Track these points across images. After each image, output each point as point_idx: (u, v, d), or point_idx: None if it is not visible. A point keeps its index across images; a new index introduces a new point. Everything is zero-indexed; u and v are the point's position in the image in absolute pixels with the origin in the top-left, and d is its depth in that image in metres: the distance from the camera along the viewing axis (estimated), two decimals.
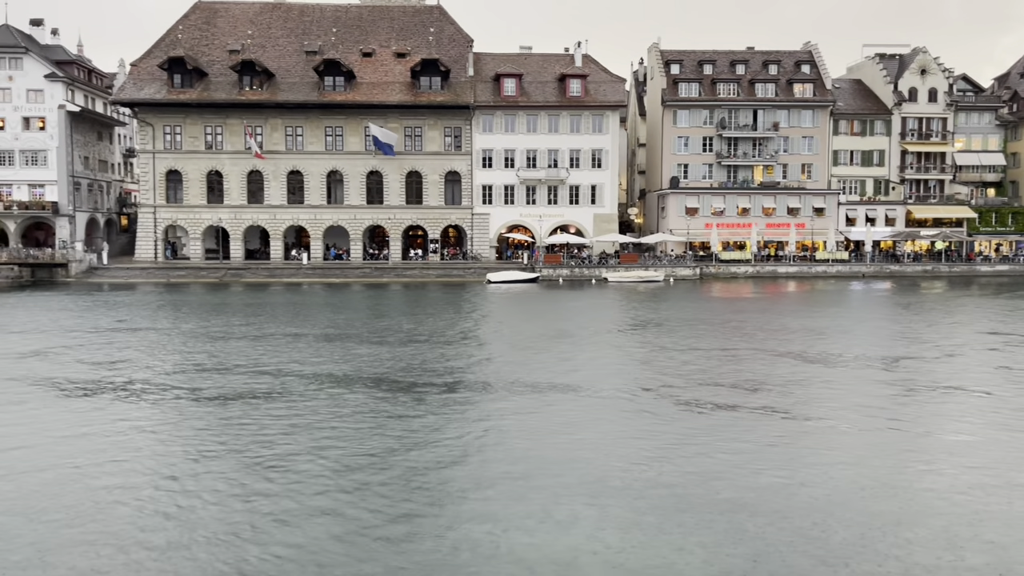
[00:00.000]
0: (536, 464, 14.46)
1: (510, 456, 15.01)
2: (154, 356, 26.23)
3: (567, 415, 18.34)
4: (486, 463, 14.60)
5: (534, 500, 12.58)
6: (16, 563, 10.26)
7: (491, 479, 13.62)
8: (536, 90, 68.16)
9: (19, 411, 18.54)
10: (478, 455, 15.08)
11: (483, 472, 14.06)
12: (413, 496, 12.74)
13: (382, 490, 13.00)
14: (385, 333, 31.64)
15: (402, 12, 71.43)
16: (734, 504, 12.48)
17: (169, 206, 66.20)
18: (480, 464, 14.54)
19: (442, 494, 12.89)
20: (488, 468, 14.30)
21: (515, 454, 15.12)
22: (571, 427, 17.22)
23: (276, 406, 18.79)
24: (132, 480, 13.48)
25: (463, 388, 21.10)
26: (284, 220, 66.78)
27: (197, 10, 69.99)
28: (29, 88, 67.74)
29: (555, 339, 30.78)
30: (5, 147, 67.98)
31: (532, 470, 14.11)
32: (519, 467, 14.30)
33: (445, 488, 13.18)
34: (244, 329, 32.93)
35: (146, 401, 19.62)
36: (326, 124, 66.26)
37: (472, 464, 14.54)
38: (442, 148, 67.20)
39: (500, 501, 12.52)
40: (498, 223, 68.17)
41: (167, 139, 65.77)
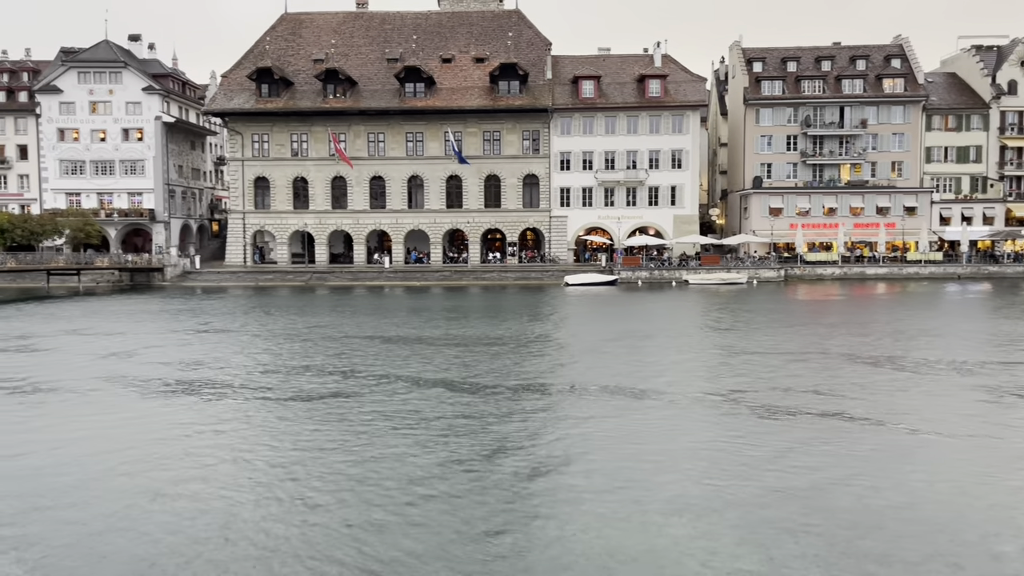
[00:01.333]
0: (620, 472, 14.33)
1: (594, 462, 14.93)
2: (244, 357, 27.12)
3: (650, 421, 18.15)
4: (569, 469, 14.55)
5: (621, 510, 12.47)
6: (108, 554, 10.76)
7: (574, 486, 13.56)
8: (615, 91, 67.75)
9: (117, 407, 19.43)
10: (561, 461, 15.05)
11: (565, 478, 14.02)
12: (494, 502, 12.80)
13: (462, 494, 13.10)
14: (464, 336, 31.94)
15: (481, 17, 72.06)
16: (832, 521, 12.10)
17: (257, 212, 68.37)
18: (563, 470, 14.50)
19: (525, 501, 12.91)
20: (571, 475, 14.25)
21: (599, 461, 15.03)
22: (655, 433, 17.03)
23: (358, 408, 19.18)
24: (218, 480, 13.94)
25: (543, 392, 21.12)
26: (367, 225, 68.16)
27: (283, 21, 72.15)
28: (128, 101, 71.11)
29: (635, 342, 30.51)
30: (107, 157, 71.50)
31: (617, 477, 14.00)
32: (604, 474, 14.21)
33: (527, 494, 13.20)
34: (329, 331, 33.75)
35: (236, 401, 20.29)
36: (407, 130, 67.36)
37: (555, 470, 14.51)
38: (520, 151, 67.47)
39: (585, 509, 12.46)
40: (576, 225, 68.01)
41: (255, 147, 67.96)
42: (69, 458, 15.07)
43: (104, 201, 71.96)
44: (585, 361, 26.11)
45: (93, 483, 13.58)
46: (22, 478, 13.83)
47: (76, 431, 17.15)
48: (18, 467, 14.55)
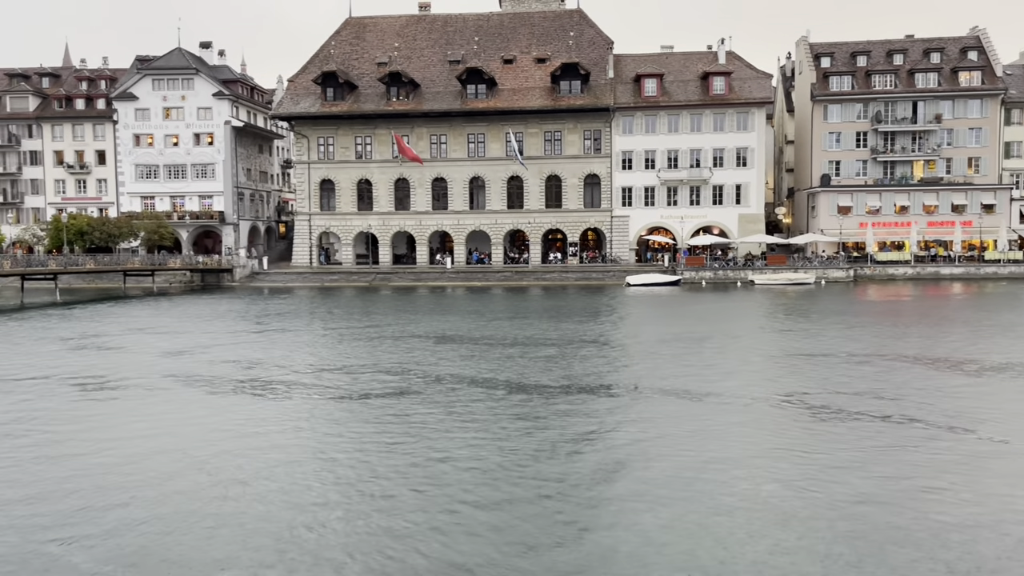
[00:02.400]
0: (683, 475, 14.09)
1: (656, 465, 14.70)
2: (309, 356, 27.61)
3: (713, 424, 17.82)
4: (630, 472, 14.36)
5: (683, 515, 12.26)
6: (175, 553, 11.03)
7: (636, 489, 13.38)
8: (678, 89, 66.94)
9: (187, 405, 19.96)
10: (622, 464, 14.87)
11: (627, 482, 13.84)
12: (554, 505, 12.71)
13: (523, 496, 13.05)
14: (525, 336, 31.91)
15: (542, 18, 72.04)
16: (901, 532, 11.67)
17: (323, 214, 69.63)
18: (624, 473, 14.32)
19: (585, 504, 12.79)
20: (633, 478, 14.06)
21: (661, 463, 14.79)
22: (718, 436, 16.70)
23: (418, 408, 19.30)
24: (280, 477, 14.17)
25: (604, 393, 20.95)
26: (429, 226, 68.78)
27: (348, 26, 73.35)
28: (199, 106, 73.27)
29: (698, 343, 30.04)
30: (179, 161, 73.78)
31: (679, 481, 13.76)
32: (666, 477, 13.99)
33: (588, 497, 13.07)
34: (391, 331, 34.11)
35: (301, 399, 20.64)
36: (468, 131, 67.74)
37: (616, 473, 14.34)
38: (581, 151, 67.20)
39: (647, 513, 12.27)
40: (638, 225, 67.42)
41: (320, 150, 69.23)
42: (140, 454, 15.51)
43: (176, 204, 74.27)
44: (647, 362, 25.81)
45: (163, 479, 13.94)
46: (96, 474, 14.27)
47: (147, 427, 17.65)
48: (93, 463, 15.03)
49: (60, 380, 23.29)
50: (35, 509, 12.40)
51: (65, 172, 75.75)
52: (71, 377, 23.76)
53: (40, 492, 13.21)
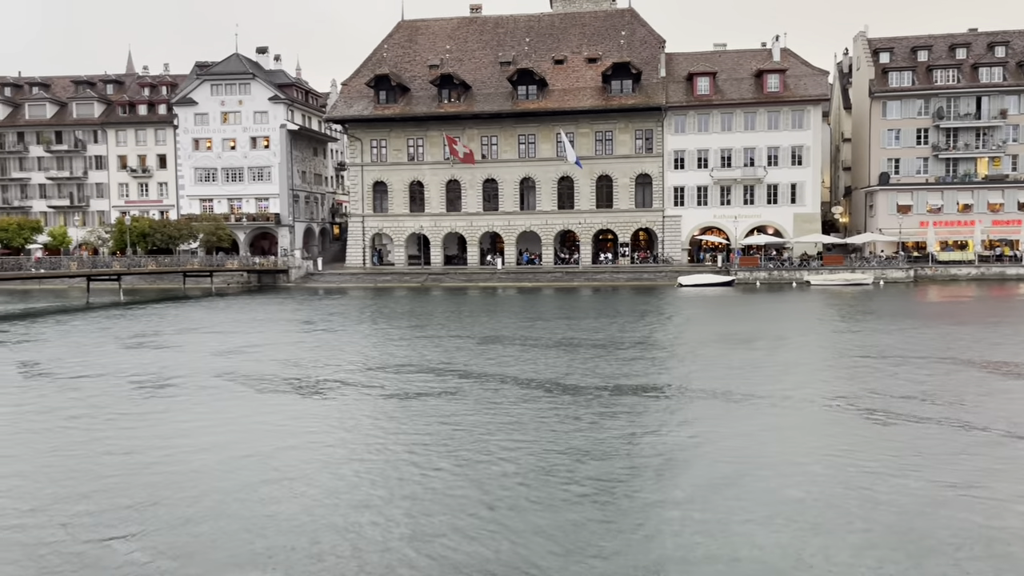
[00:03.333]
0: (736, 477, 13.92)
1: (707, 468, 14.55)
2: (362, 355, 27.97)
3: (766, 425, 17.54)
4: (680, 474, 14.24)
5: (736, 519, 12.11)
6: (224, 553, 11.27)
7: (685, 493, 13.25)
8: (731, 88, 66.09)
9: (243, 401, 20.40)
10: (672, 465, 14.74)
11: (676, 484, 13.73)
12: (601, 505, 12.67)
13: (567, 497, 13.03)
14: (575, 337, 31.84)
15: (593, 18, 71.79)
16: (955, 540, 11.35)
17: (376, 215, 70.47)
18: (674, 475, 14.20)
19: (635, 506, 12.71)
20: (682, 480, 13.94)
21: (713, 466, 14.63)
22: (770, 438, 16.44)
23: (467, 407, 19.39)
24: (335, 475, 14.38)
25: (653, 394, 20.79)
26: (480, 227, 69.08)
27: (400, 29, 74.10)
28: (256, 110, 74.81)
29: (752, 344, 29.60)
30: (236, 164, 75.43)
31: (732, 484, 13.59)
32: (717, 480, 13.83)
33: (636, 498, 12.99)
34: (442, 331, 34.37)
35: (353, 397, 20.91)
36: (519, 132, 67.85)
37: (666, 475, 14.23)
38: (633, 151, 66.78)
39: (697, 518, 12.14)
40: (690, 225, 66.72)
41: (373, 152, 70.07)
42: (196, 450, 15.90)
43: (234, 206, 75.94)
44: (698, 364, 25.53)
45: (217, 475, 14.27)
46: (152, 470, 14.63)
47: (203, 424, 18.08)
48: (150, 459, 15.44)
49: (121, 377, 24.01)
50: (91, 504, 12.79)
51: (128, 176, 78.05)
52: (132, 375, 24.48)
53: (96, 487, 13.62)
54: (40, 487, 13.60)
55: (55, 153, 78.38)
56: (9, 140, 79.03)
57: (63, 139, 78.69)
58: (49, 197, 79.02)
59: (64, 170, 78.77)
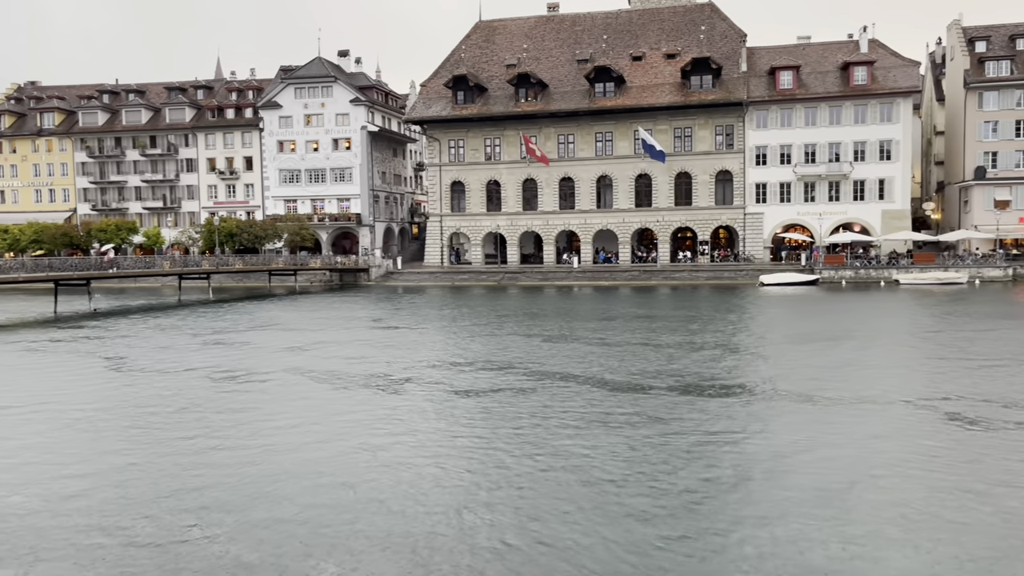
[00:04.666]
0: (821, 482, 13.51)
1: (790, 473, 14.17)
2: (440, 352, 28.27)
3: (853, 430, 16.96)
4: (763, 479, 13.89)
5: (822, 526, 11.75)
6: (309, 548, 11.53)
7: (768, 498, 12.92)
8: (815, 81, 64.26)
9: (322, 397, 20.87)
10: (754, 469, 14.40)
11: (759, 489, 13.40)
12: (682, 509, 12.46)
13: (647, 498, 12.86)
14: (654, 336, 31.47)
15: (672, 13, 70.83)
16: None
17: (453, 215, 71.17)
18: (757, 480, 13.87)
19: (715, 508, 12.46)
20: (766, 485, 13.60)
21: (796, 471, 14.24)
22: (859, 444, 15.88)
23: (544, 407, 19.35)
24: (406, 471, 14.54)
25: (734, 395, 20.35)
26: (556, 225, 69.00)
27: (477, 29, 74.61)
28: (337, 112, 76.49)
29: (837, 345, 28.69)
30: (319, 166, 77.30)
31: (817, 490, 13.20)
32: (800, 482, 13.46)
33: (718, 501, 12.73)
34: (519, 328, 34.45)
35: (432, 394, 21.14)
36: (596, 130, 67.49)
37: (748, 479, 13.91)
38: (713, 147, 65.62)
39: (782, 525, 11.83)
40: (773, 222, 65.17)
41: (451, 152, 70.77)
42: (278, 444, 16.32)
43: (316, 207, 77.83)
44: (784, 365, 24.89)
45: (299, 469, 14.62)
46: (237, 463, 15.07)
47: (286, 420, 18.55)
48: (235, 454, 15.92)
49: (210, 372, 24.88)
50: (177, 498, 13.27)
51: (217, 178, 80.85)
52: (221, 370, 25.34)
53: (186, 481, 14.11)
54: (135, 479, 14.18)
55: (149, 157, 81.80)
56: (108, 145, 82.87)
57: (157, 143, 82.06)
58: (144, 199, 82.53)
59: (158, 173, 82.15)
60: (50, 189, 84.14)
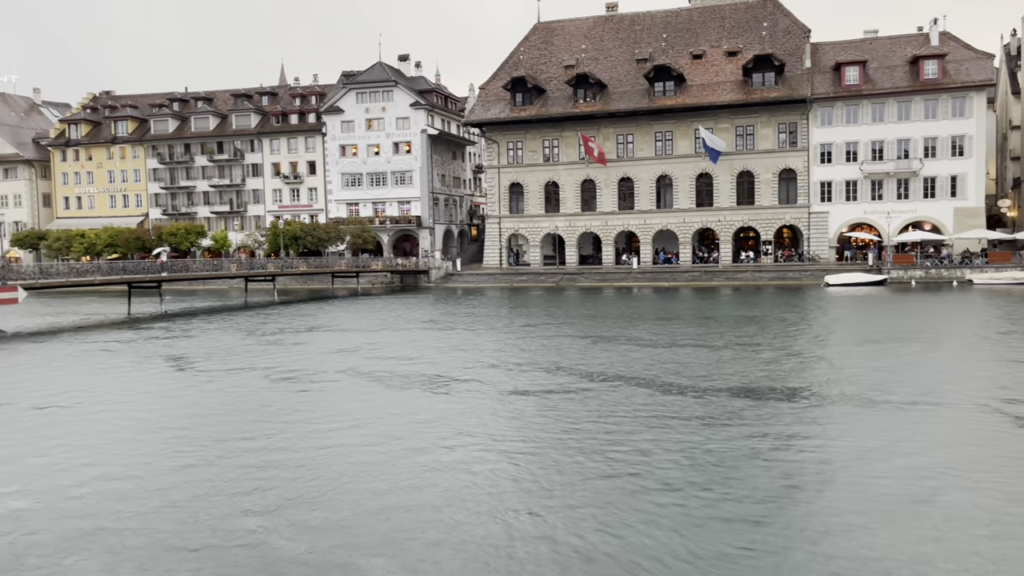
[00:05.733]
0: (891, 487, 13.15)
1: (859, 475, 13.83)
2: (501, 352, 28.36)
3: (924, 434, 16.46)
4: (828, 484, 13.58)
5: (892, 533, 11.44)
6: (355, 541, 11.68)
7: (837, 504, 12.63)
8: (883, 76, 62.56)
9: (376, 397, 21.14)
10: (820, 473, 14.09)
11: (824, 494, 13.11)
12: (744, 513, 12.27)
13: (709, 502, 12.70)
14: (715, 338, 31.04)
15: (733, 10, 69.81)
16: None
17: (511, 216, 71.37)
18: (822, 485, 13.56)
19: (778, 513, 12.25)
20: (833, 490, 13.29)
21: (870, 476, 13.87)
22: (930, 448, 15.41)
23: (605, 408, 19.26)
24: (472, 470, 14.62)
25: (801, 399, 19.93)
26: (615, 226, 68.62)
27: (536, 31, 74.71)
28: (398, 116, 77.46)
29: (905, 347, 27.86)
30: (380, 169, 78.38)
31: (885, 495, 12.86)
32: (869, 488, 13.12)
33: (782, 507, 12.50)
34: (578, 329, 34.36)
35: (489, 394, 21.21)
36: (656, 129, 66.92)
37: (815, 482, 13.62)
38: (775, 145, 64.44)
39: (859, 533, 11.57)
40: (838, 221, 63.65)
41: (510, 154, 71.00)
42: (336, 444, 16.60)
43: (378, 210, 78.93)
44: (847, 367, 24.28)
45: (355, 468, 14.83)
46: (295, 462, 15.35)
47: (347, 419, 18.85)
48: (295, 453, 16.24)
49: (272, 373, 25.44)
50: (236, 497, 13.58)
51: (281, 182, 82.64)
52: (282, 370, 25.89)
53: (243, 480, 14.46)
54: (197, 479, 14.59)
55: (217, 162, 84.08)
56: (177, 151, 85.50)
57: (224, 149, 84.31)
58: (212, 203, 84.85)
59: (225, 178, 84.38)
60: (124, 195, 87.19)
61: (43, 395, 22.18)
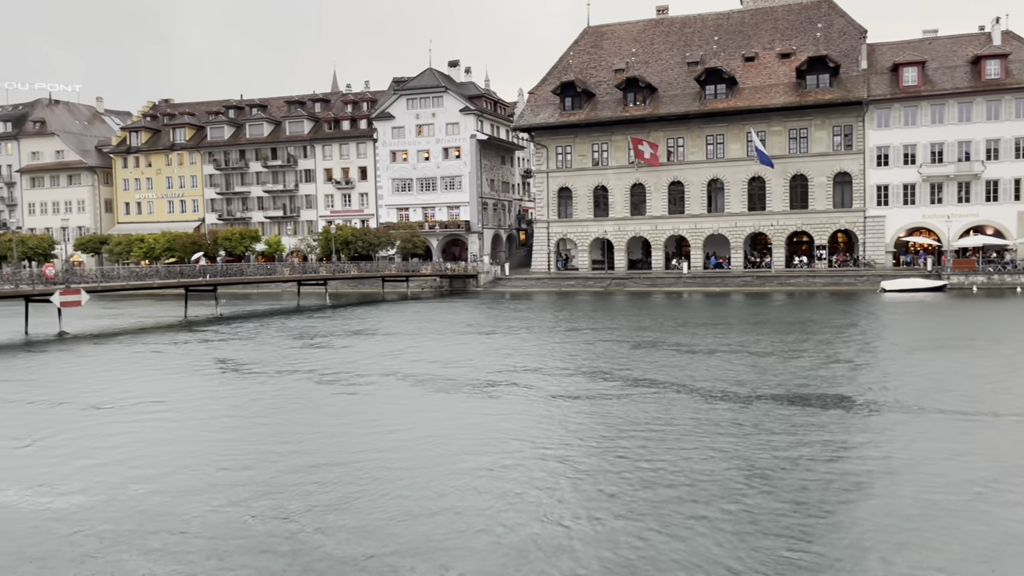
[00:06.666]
0: (951, 498, 12.77)
1: (924, 490, 13.45)
2: (548, 357, 28.32)
3: (984, 444, 15.95)
4: (886, 494, 13.23)
5: (955, 547, 11.10)
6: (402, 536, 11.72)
7: (892, 516, 12.30)
8: (942, 77, 60.94)
9: (421, 399, 21.26)
10: (878, 483, 13.74)
11: (882, 505, 12.76)
12: (797, 523, 12.02)
13: (761, 509, 12.48)
14: (767, 343, 30.52)
15: (787, 11, 68.73)
16: None
17: (560, 221, 71.25)
18: (880, 495, 13.22)
19: (847, 526, 11.96)
20: (890, 501, 12.95)
21: (923, 483, 13.51)
22: (992, 459, 14.93)
23: (655, 415, 19.07)
24: (515, 475, 14.58)
25: (850, 406, 19.46)
26: (665, 230, 68.01)
27: (586, 35, 74.54)
28: (447, 122, 77.99)
29: (967, 355, 27.04)
30: (430, 175, 79.00)
31: (946, 507, 12.48)
32: (932, 500, 12.75)
33: (838, 516, 12.21)
34: (626, 335, 34.11)
35: (537, 398, 21.18)
36: (707, 133, 66.19)
37: (873, 493, 13.29)
38: (830, 148, 63.19)
39: (912, 543, 11.26)
40: (895, 226, 62.12)
41: (559, 159, 70.91)
42: (384, 446, 16.73)
43: (427, 214, 79.56)
44: (905, 375, 23.65)
45: (403, 469, 14.92)
46: (343, 463, 15.53)
47: (396, 421, 19.01)
48: (342, 453, 16.42)
49: (323, 374, 25.79)
50: (286, 497, 13.77)
51: (333, 188, 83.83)
52: (332, 372, 26.22)
53: (291, 480, 14.65)
54: (248, 476, 14.83)
55: (271, 168, 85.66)
56: (233, 157, 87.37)
57: (277, 155, 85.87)
58: (266, 208, 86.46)
59: (278, 183, 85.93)
60: (181, 200, 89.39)
61: (102, 395, 22.83)
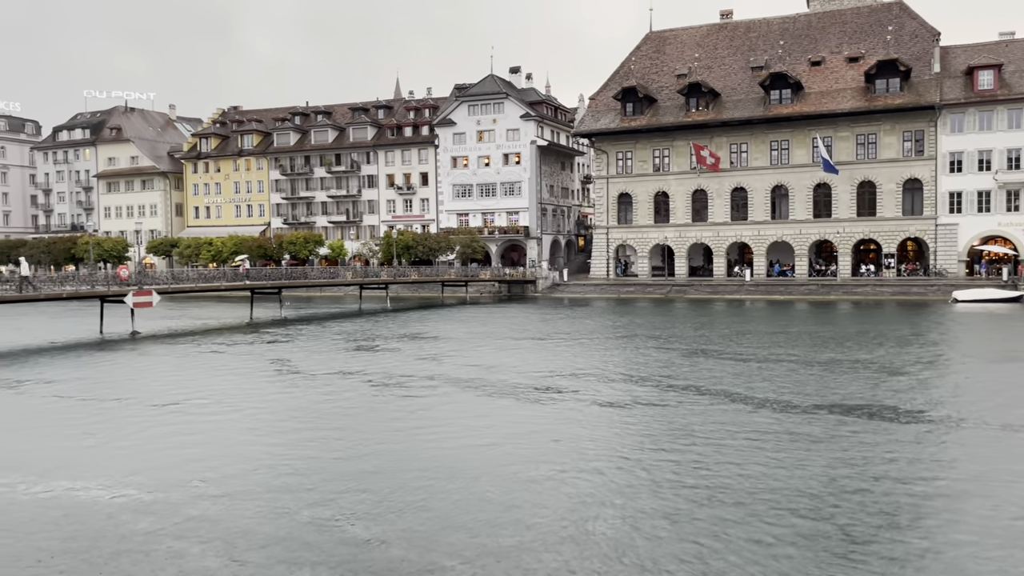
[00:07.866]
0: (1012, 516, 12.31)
1: (991, 509, 12.99)
2: (608, 364, 28.17)
3: None
4: (960, 512, 12.83)
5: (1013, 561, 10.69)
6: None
7: (970, 537, 11.91)
8: (1020, 80, 58.81)
9: (479, 404, 21.33)
10: (953, 502, 13.32)
11: (960, 523, 12.38)
12: (869, 544, 11.73)
13: (840, 528, 12.20)
14: (835, 354, 29.81)
15: (855, 14, 67.20)
16: None
17: (620, 227, 70.86)
18: (939, 513, 12.83)
19: (912, 544, 11.64)
20: (964, 519, 12.55)
21: (1001, 505, 13.04)
22: None
23: (709, 425, 18.81)
24: (567, 480, 14.53)
25: (917, 419, 18.87)
26: (727, 237, 67.06)
27: (648, 40, 74.09)
28: (508, 128, 78.37)
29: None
30: (490, 180, 79.45)
31: (1009, 523, 12.04)
32: (995, 519, 12.31)
33: (913, 537, 11.88)
34: (686, 343, 33.72)
35: (589, 404, 21.09)
36: (771, 138, 65.09)
37: (946, 512, 12.90)
38: (899, 154, 61.49)
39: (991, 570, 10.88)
40: (969, 234, 60.08)
41: (619, 165, 70.57)
42: (437, 448, 16.86)
43: (487, 220, 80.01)
44: (972, 387, 22.85)
45: (453, 472, 15.01)
46: (396, 465, 15.67)
47: (451, 425, 19.14)
48: (399, 456, 16.58)
49: (383, 377, 26.11)
50: (341, 498, 13.95)
51: (395, 193, 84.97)
52: (391, 375, 26.53)
53: (347, 482, 14.85)
54: (307, 478, 15.10)
55: (335, 174, 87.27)
56: (298, 163, 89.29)
57: (341, 161, 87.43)
58: (329, 213, 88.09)
59: (342, 189, 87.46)
60: (248, 205, 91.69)
61: (169, 394, 23.53)
